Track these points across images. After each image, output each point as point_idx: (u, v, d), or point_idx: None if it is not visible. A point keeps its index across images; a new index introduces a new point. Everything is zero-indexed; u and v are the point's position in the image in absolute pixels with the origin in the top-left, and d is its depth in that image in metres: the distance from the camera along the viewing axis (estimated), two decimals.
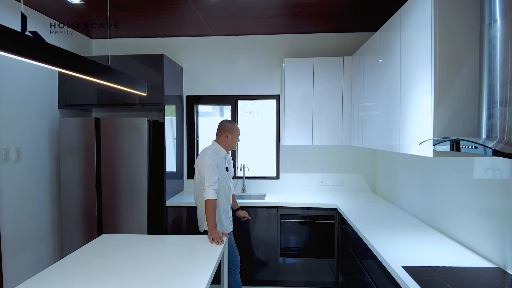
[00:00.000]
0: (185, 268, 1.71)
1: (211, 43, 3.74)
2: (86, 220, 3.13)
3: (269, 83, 3.71)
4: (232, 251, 2.53)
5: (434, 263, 1.70)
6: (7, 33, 1.12)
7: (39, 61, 1.26)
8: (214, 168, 2.38)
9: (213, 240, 2.15)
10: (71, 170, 3.12)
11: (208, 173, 2.36)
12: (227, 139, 2.56)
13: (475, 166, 1.89)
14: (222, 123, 2.61)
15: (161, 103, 3.16)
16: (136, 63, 3.22)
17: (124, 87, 1.89)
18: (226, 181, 2.57)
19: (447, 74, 1.64)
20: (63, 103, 3.27)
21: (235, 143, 2.63)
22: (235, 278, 2.59)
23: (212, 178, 2.36)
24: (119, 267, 1.70)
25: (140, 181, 3.06)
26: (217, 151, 2.52)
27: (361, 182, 3.70)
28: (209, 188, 2.33)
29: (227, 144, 2.58)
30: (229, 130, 2.56)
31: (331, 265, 3.10)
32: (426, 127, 1.73)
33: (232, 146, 2.61)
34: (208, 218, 2.29)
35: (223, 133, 2.57)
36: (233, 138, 2.58)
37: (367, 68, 2.86)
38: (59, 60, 1.36)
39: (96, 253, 1.91)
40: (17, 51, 1.16)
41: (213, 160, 2.41)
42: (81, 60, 1.48)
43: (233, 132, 2.57)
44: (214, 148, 2.54)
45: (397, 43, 2.15)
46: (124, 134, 3.08)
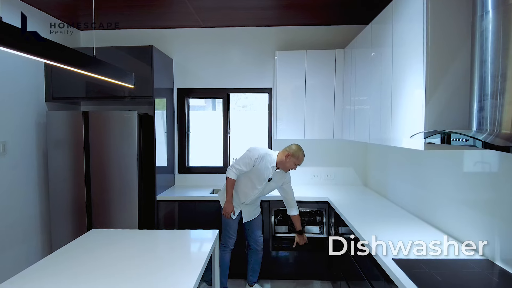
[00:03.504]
0: (175, 262, 1.69)
1: (202, 35, 3.68)
2: (76, 215, 3.08)
3: (261, 76, 3.68)
4: (226, 229, 2.79)
5: (424, 255, 1.71)
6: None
7: (17, 50, 1.20)
8: (248, 162, 2.63)
9: (224, 212, 2.71)
10: (59, 164, 3.06)
11: (241, 160, 2.66)
12: (285, 158, 2.66)
13: (465, 159, 1.90)
14: (293, 145, 2.71)
15: (150, 96, 3.11)
16: (124, 55, 3.15)
17: (110, 78, 1.83)
18: (257, 184, 2.71)
19: (439, 66, 1.63)
20: (50, 96, 3.18)
21: (290, 167, 2.70)
22: (221, 254, 2.73)
23: (241, 166, 2.64)
24: (108, 263, 1.68)
25: (130, 176, 3.02)
26: (268, 157, 2.67)
27: (352, 176, 3.71)
28: (232, 169, 2.66)
29: (282, 162, 2.68)
30: (292, 153, 2.66)
31: (323, 257, 3.12)
32: (417, 120, 1.72)
33: (285, 167, 2.70)
34: (227, 192, 2.71)
35: (288, 151, 2.68)
36: (291, 162, 2.67)
37: (359, 61, 2.84)
38: (36, 49, 1.29)
39: (84, 248, 1.88)
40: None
41: (255, 158, 2.62)
42: (63, 49, 1.42)
43: (295, 158, 2.66)
44: (270, 154, 2.71)
45: (389, 36, 2.13)
46: (113, 128, 3.02)
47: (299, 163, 2.69)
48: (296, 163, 2.67)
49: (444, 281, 1.46)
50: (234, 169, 2.66)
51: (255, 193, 2.75)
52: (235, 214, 2.79)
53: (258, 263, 2.94)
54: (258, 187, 2.73)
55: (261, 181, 2.71)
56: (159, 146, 3.28)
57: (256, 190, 2.74)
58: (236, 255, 2.94)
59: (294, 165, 2.68)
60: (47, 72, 3.15)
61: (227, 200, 2.70)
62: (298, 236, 2.91)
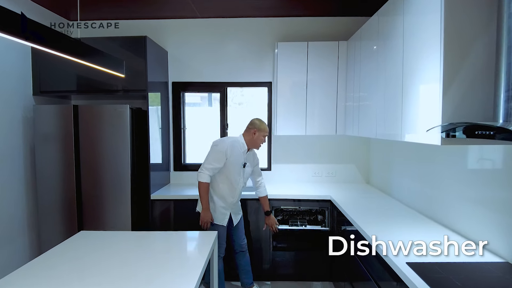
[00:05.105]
0: (172, 267, 1.56)
1: (199, 26, 3.52)
2: (66, 214, 2.92)
3: (260, 69, 3.53)
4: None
5: (439, 258, 1.60)
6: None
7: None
8: (220, 157, 2.44)
9: (201, 223, 2.43)
10: (47, 161, 2.89)
11: (212, 157, 2.46)
12: (253, 136, 2.56)
13: (478, 155, 1.79)
14: (253, 120, 2.62)
15: (144, 89, 2.95)
16: (116, 46, 2.98)
17: (96, 64, 1.66)
18: (237, 176, 2.55)
19: (456, 55, 1.51)
20: (38, 90, 3.01)
21: (260, 142, 2.61)
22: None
23: (212, 164, 2.44)
24: (99, 269, 1.53)
25: (123, 173, 2.86)
26: (236, 144, 2.53)
27: (354, 173, 3.60)
28: (203, 171, 2.44)
29: (252, 141, 2.57)
30: (257, 127, 2.56)
31: (324, 257, 3.00)
32: (432, 113, 1.60)
33: (256, 144, 2.61)
34: (201, 200, 2.46)
35: (251, 128, 2.57)
36: (259, 137, 2.57)
37: (364, 54, 2.72)
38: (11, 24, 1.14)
39: (72, 253, 1.73)
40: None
41: (224, 150, 2.44)
42: (40, 28, 1.25)
43: (261, 131, 2.57)
44: (236, 140, 2.55)
45: (399, 27, 2.01)
46: (104, 123, 2.87)
47: (267, 133, 2.62)
48: (264, 135, 2.60)
49: (464, 286, 1.34)
50: (206, 170, 2.44)
51: (240, 185, 2.61)
52: (225, 220, 2.59)
53: (248, 263, 2.81)
54: (238, 178, 2.57)
55: (239, 170, 2.56)
56: (154, 142, 3.13)
57: (240, 181, 2.59)
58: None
59: (263, 137, 2.60)
60: (34, 65, 2.98)
61: (204, 208, 2.45)
62: (267, 218, 2.81)
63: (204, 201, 2.46)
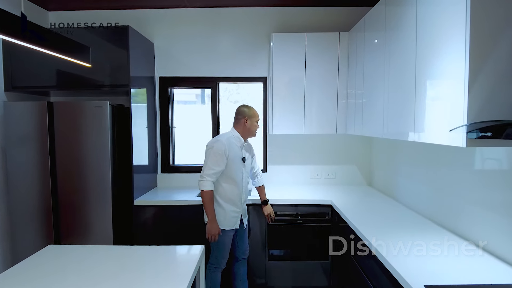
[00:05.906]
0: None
1: (188, 16, 3.25)
2: (41, 222, 2.66)
3: (255, 63, 3.28)
4: (221, 250, 2.35)
5: (459, 279, 1.37)
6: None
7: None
8: (220, 159, 2.22)
9: (208, 236, 2.23)
10: (20, 163, 2.63)
11: (211, 162, 2.22)
12: (245, 125, 2.36)
13: (497, 157, 1.56)
14: (239, 108, 2.41)
15: (127, 84, 2.68)
16: (95, 37, 2.71)
17: (51, 50, 1.38)
18: (239, 174, 2.35)
19: (483, 48, 1.29)
20: (10, 85, 2.74)
21: (255, 129, 2.41)
22: (212, 277, 2.36)
23: (213, 168, 2.22)
24: (66, 286, 1.29)
25: (103, 175, 2.61)
26: (233, 139, 2.33)
27: (355, 174, 3.37)
28: (205, 178, 2.21)
29: (245, 131, 2.37)
30: (247, 115, 2.36)
31: (324, 268, 2.77)
32: (455, 111, 1.37)
33: (252, 133, 2.41)
34: (206, 210, 2.23)
35: (241, 118, 2.37)
36: (252, 124, 2.38)
37: (368, 46, 2.48)
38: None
39: (40, 268, 1.49)
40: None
41: (223, 150, 2.22)
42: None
43: (252, 117, 2.37)
44: (231, 135, 2.36)
45: (411, 18, 1.78)
46: (82, 121, 2.60)
47: (258, 118, 2.43)
48: (257, 120, 2.41)
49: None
50: (207, 176, 2.20)
51: (245, 180, 2.41)
52: (237, 223, 2.38)
53: (246, 273, 2.61)
54: (241, 174, 2.36)
55: (239, 166, 2.35)
56: (138, 142, 2.87)
57: (243, 176, 2.38)
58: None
59: (257, 123, 2.42)
60: (5, 58, 2.71)
61: (210, 219, 2.23)
62: (264, 208, 2.63)
63: (209, 211, 2.22)
